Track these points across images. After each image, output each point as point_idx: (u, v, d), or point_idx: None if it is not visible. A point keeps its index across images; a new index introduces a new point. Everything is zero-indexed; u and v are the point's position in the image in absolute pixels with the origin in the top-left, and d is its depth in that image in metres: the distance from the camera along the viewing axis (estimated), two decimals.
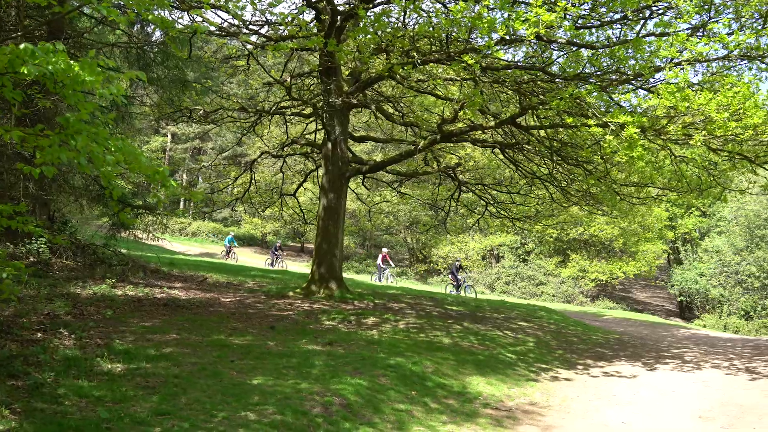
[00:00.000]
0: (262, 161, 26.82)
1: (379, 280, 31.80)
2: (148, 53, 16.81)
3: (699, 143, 11.14)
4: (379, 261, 32.98)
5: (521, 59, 14.51)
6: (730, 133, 10.97)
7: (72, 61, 5.28)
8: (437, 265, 45.83)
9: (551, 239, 43.63)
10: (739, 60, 12.35)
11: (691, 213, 52.22)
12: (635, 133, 10.67)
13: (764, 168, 14.22)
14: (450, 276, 30.18)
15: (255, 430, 6.56)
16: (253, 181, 20.41)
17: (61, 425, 5.94)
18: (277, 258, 37.05)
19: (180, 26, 15.06)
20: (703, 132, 11.04)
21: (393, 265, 34.95)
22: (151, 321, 11.27)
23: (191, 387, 7.64)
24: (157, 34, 19.55)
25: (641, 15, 12.50)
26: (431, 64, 14.54)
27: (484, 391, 9.80)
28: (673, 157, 14.24)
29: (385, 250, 33.53)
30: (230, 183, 21.33)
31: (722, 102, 10.47)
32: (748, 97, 10.39)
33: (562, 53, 13.87)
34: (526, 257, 45.37)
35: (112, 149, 5.72)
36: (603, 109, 12.82)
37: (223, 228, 50.86)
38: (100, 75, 5.37)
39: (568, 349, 14.35)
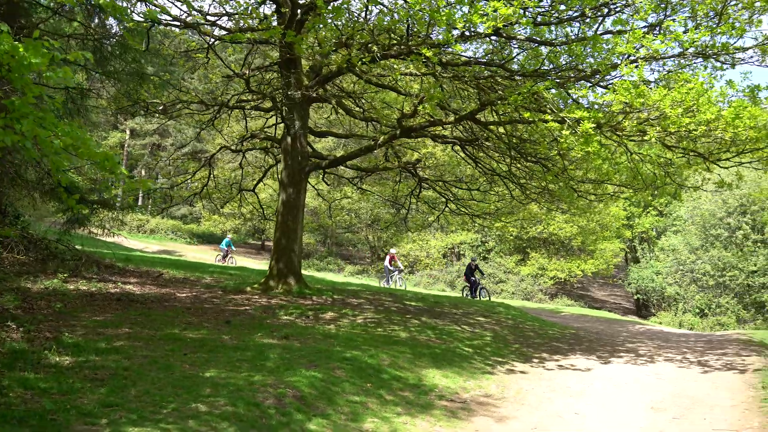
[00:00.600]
0: (222, 157, 26.56)
1: (387, 284, 28.86)
2: (105, 46, 16.51)
3: (654, 139, 11.31)
4: (386, 263, 29.41)
5: (481, 56, 14.59)
6: (684, 129, 11.13)
7: (16, 43, 5.14)
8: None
9: (511, 237, 43.92)
10: (694, 58, 12.55)
11: (648, 212, 53.05)
12: (591, 128, 10.77)
13: (718, 165, 14.48)
14: (464, 277, 27.01)
15: (205, 421, 6.47)
16: (212, 176, 20.19)
17: (4, 416, 5.80)
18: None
19: (138, 18, 14.90)
20: (658, 128, 11.20)
21: (402, 267, 31.63)
22: (103, 315, 11.08)
23: (141, 379, 7.52)
24: (117, 27, 19.25)
25: (599, 13, 12.63)
26: (392, 60, 14.54)
27: (439, 384, 9.81)
28: (629, 154, 14.43)
29: (393, 250, 29.97)
30: (188, 178, 21.09)
31: (676, 98, 10.62)
32: (701, 93, 10.55)
33: (521, 50, 13.98)
34: (486, 255, 45.63)
35: (60, 134, 5.59)
36: (561, 106, 12.92)
37: (183, 225, 50.31)
38: (46, 56, 5.24)
39: (525, 343, 14.45)
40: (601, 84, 12.64)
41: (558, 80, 12.10)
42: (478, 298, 24.28)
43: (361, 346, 10.96)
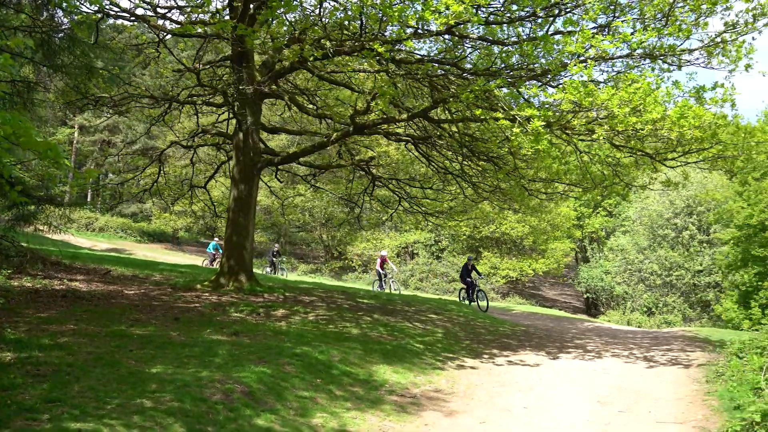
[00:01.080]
0: (173, 153, 26.24)
1: (381, 288, 26.39)
2: (53, 39, 16.14)
3: (602, 138, 11.49)
4: (377, 266, 27.09)
5: (435, 54, 14.65)
6: (631, 128, 11.32)
7: None
8: (352, 262, 45.82)
9: (464, 237, 44.26)
10: (642, 59, 12.79)
11: (598, 213, 53.98)
12: (541, 126, 10.89)
13: (665, 165, 14.77)
14: (460, 279, 23.83)
15: (150, 416, 6.36)
16: (162, 172, 19.88)
17: None
18: (277, 265, 31.29)
19: (86, 9, 14.61)
20: (606, 127, 11.38)
21: (396, 270, 30.03)
22: (48, 312, 10.83)
23: (85, 375, 7.36)
24: (66, 20, 18.83)
25: (550, 13, 12.77)
26: (345, 56, 14.52)
27: (390, 379, 9.82)
28: (578, 153, 14.65)
29: (384, 252, 27.68)
30: (138, 174, 20.74)
31: (624, 98, 10.80)
32: (648, 93, 10.75)
33: (474, 50, 14.07)
34: (439, 254, 45.87)
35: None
36: (513, 105, 13.03)
37: (133, 223, 49.49)
38: None
39: (476, 339, 14.55)
40: (552, 84, 12.79)
41: (510, 79, 12.19)
42: (476, 303, 22.07)
43: (311, 342, 10.90)
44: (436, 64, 14.06)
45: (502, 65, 13.03)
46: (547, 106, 12.51)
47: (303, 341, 10.85)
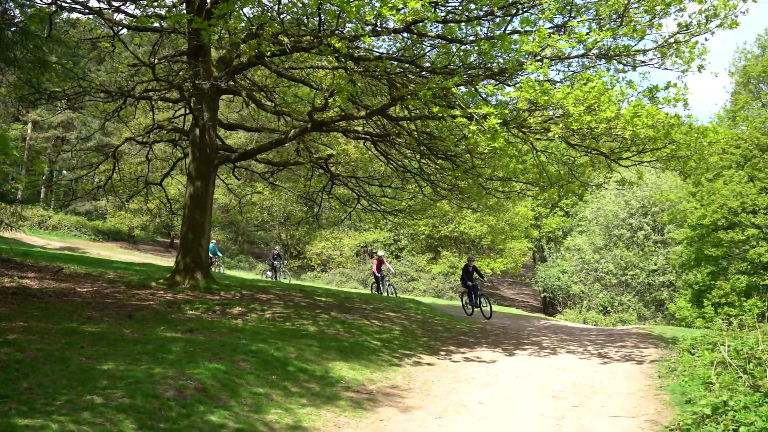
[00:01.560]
0: (129, 150, 25.84)
1: (379, 292, 25.24)
2: (6, 32, 15.78)
3: (557, 136, 11.61)
4: (374, 268, 25.73)
5: (394, 52, 14.66)
6: (586, 127, 11.46)
7: None
8: (311, 261, 45.66)
9: (423, 236, 44.40)
10: (597, 59, 12.97)
11: (555, 213, 54.65)
12: (497, 124, 10.96)
13: (619, 164, 14.98)
14: (461, 282, 21.62)
15: (100, 413, 6.24)
16: (117, 169, 19.55)
17: None
18: (278, 268, 29.95)
19: (40, 2, 14.31)
20: (561, 125, 11.50)
21: (393, 271, 28.51)
22: None
23: (35, 372, 7.20)
24: (18, 13, 18.41)
25: (508, 12, 12.87)
26: (303, 53, 14.47)
27: (346, 376, 9.78)
28: (535, 152, 14.79)
29: (380, 253, 26.05)
30: (91, 171, 20.35)
31: (579, 96, 10.92)
32: (602, 92, 10.88)
33: (433, 48, 14.12)
34: (399, 254, 45.97)
35: None
36: (471, 104, 13.09)
37: (87, 222, 48.60)
38: None
39: (433, 337, 14.59)
40: (509, 83, 12.90)
41: (467, 77, 12.26)
42: (480, 309, 20.29)
43: (267, 339, 10.82)
44: (395, 62, 14.09)
45: (461, 64, 13.10)
46: (503, 104, 12.59)
47: (259, 338, 10.76)
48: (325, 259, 45.01)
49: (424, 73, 13.33)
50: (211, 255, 30.00)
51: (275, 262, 29.95)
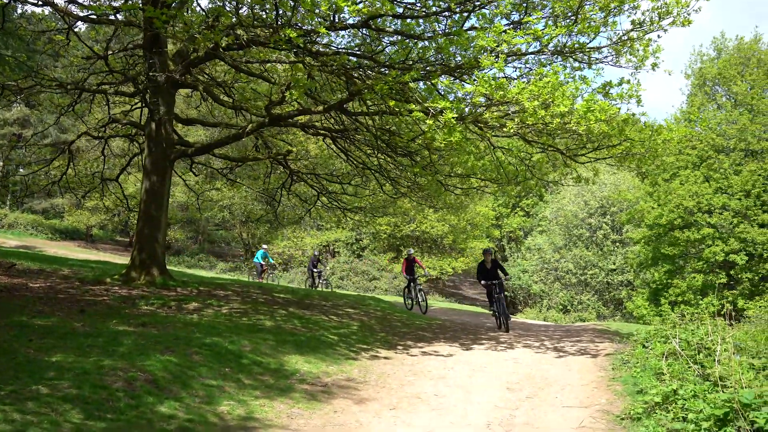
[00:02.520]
0: (85, 147, 25.39)
1: (407, 300, 20.88)
2: None
3: (512, 130, 11.69)
4: (402, 270, 20.78)
5: (352, 47, 14.65)
6: (541, 122, 11.56)
7: None
8: (272, 259, 45.40)
9: (385, 235, 44.43)
10: (553, 57, 13.11)
11: (516, 213, 55.13)
12: (453, 118, 11.00)
13: (575, 161, 15.13)
14: (477, 278, 17.29)
15: (46, 403, 6.13)
16: (72, 164, 19.21)
17: None
18: (318, 275, 26.95)
19: None
20: (517, 120, 11.59)
21: (426, 272, 24.39)
22: None
23: None
24: None
25: (465, 9, 12.94)
26: (261, 47, 14.38)
27: (301, 369, 9.73)
28: (492, 148, 14.89)
29: (411, 251, 21.06)
30: (45, 166, 19.94)
31: (534, 91, 11.01)
32: (556, 87, 10.98)
33: (392, 45, 14.12)
34: (360, 253, 45.92)
35: None
36: (428, 98, 13.11)
37: (44, 220, 47.74)
38: None
39: (391, 332, 14.59)
40: (466, 80, 12.96)
41: (424, 72, 12.31)
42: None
43: (223, 333, 10.72)
44: (353, 58, 14.07)
45: (418, 60, 13.14)
46: (460, 100, 12.64)
47: (214, 332, 10.65)
48: (287, 258, 44.77)
49: (382, 69, 13.32)
50: (262, 262, 28.54)
51: (314, 270, 27.22)
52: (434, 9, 13.17)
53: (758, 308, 28.95)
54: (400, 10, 13.03)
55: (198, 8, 13.10)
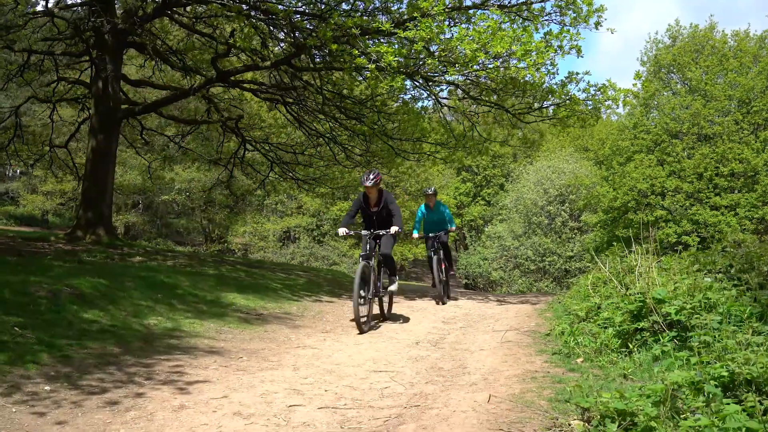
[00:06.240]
0: (32, 114, 24.99)
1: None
2: None
3: (455, 75, 11.83)
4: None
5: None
6: (482, 69, 11.73)
7: None
8: (231, 245, 45.16)
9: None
10: (497, 15, 13.27)
11: (477, 202, 55.51)
12: (394, 61, 11.11)
13: (521, 120, 15.31)
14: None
15: None
16: (19, 129, 18.93)
17: None
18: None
19: None
20: (457, 66, 11.74)
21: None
22: None
23: None
24: None
25: None
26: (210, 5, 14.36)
27: (239, 303, 9.74)
28: (439, 105, 15.04)
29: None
30: None
31: (474, 36, 11.16)
32: (496, 31, 11.14)
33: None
34: (321, 239, 45.85)
35: None
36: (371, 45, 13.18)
37: None
38: None
39: (338, 286, 14.60)
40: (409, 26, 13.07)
41: (366, 15, 12.43)
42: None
43: (161, 272, 10.69)
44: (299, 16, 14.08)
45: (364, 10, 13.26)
46: (402, 44, 12.71)
47: (152, 271, 10.61)
48: (246, 243, 44.54)
49: (326, 15, 13.34)
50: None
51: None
52: None
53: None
54: None
55: None
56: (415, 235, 13.38)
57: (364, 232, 9.53)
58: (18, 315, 6.15)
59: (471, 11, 13.49)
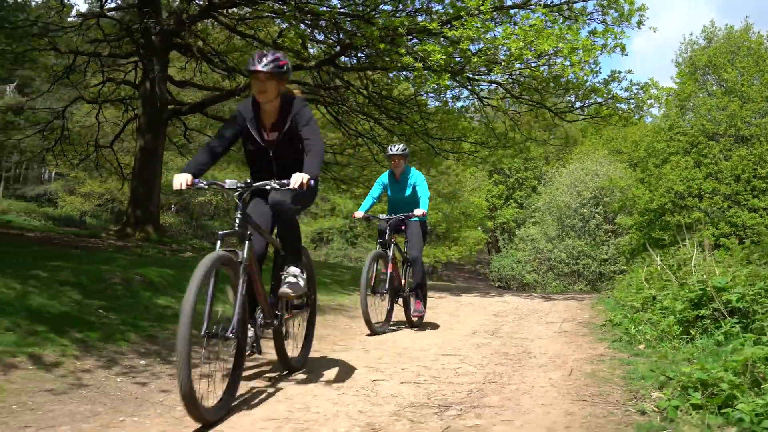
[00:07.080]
0: (80, 117, 25.54)
1: None
2: None
3: (498, 74, 11.98)
4: None
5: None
6: (527, 66, 11.87)
7: None
8: None
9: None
10: (540, 14, 13.41)
11: (510, 205, 55.47)
12: (441, 59, 11.29)
13: (563, 119, 15.41)
14: None
15: (46, 283, 6.38)
16: (65, 130, 19.39)
17: None
18: None
19: None
20: (502, 64, 11.89)
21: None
22: None
23: None
24: None
25: None
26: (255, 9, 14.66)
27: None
28: (481, 104, 15.18)
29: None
30: (40, 130, 20.02)
31: (519, 34, 11.31)
32: (541, 29, 11.28)
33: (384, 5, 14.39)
34: (354, 240, 46.11)
35: None
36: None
37: (38, 207, 47.76)
38: None
39: None
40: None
41: (411, 15, 12.63)
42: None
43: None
44: (342, 16, 14.32)
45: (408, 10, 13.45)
46: (451, 42, 12.89)
47: None
48: None
49: (373, 14, 13.55)
50: None
51: None
52: None
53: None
54: None
55: None
56: (359, 214, 8.71)
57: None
58: (100, 299, 6.41)
59: (513, 11, 13.66)
